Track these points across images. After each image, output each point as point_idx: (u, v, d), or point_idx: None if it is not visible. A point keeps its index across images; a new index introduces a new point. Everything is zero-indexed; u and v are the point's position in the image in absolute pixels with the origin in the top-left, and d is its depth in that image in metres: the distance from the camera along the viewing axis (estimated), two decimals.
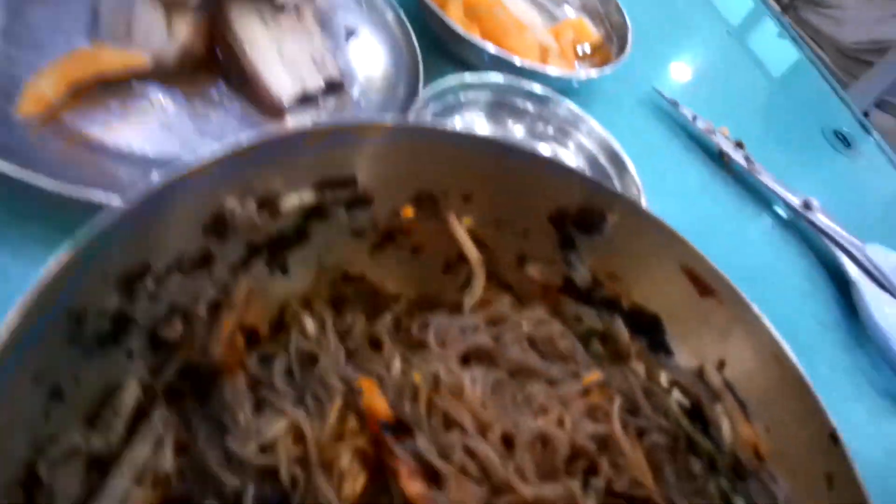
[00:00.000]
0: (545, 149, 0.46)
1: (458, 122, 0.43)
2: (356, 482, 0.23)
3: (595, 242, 0.32)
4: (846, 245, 0.52)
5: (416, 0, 0.47)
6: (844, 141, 0.66)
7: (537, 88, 0.45)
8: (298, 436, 0.25)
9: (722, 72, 0.68)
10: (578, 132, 0.45)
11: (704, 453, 0.30)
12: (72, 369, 0.22)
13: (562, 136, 0.45)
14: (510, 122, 0.45)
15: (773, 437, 0.29)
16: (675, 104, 0.56)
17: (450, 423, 0.25)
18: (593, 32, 0.56)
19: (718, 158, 0.55)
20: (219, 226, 0.26)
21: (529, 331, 0.30)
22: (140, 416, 0.24)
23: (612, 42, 0.56)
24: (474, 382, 0.26)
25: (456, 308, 0.31)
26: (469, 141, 0.30)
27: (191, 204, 0.25)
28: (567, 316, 0.33)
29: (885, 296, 0.50)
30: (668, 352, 0.32)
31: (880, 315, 0.48)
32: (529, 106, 0.45)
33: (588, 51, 0.56)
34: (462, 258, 0.33)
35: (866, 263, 0.51)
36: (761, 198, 0.54)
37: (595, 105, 0.53)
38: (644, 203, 0.42)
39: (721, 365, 0.31)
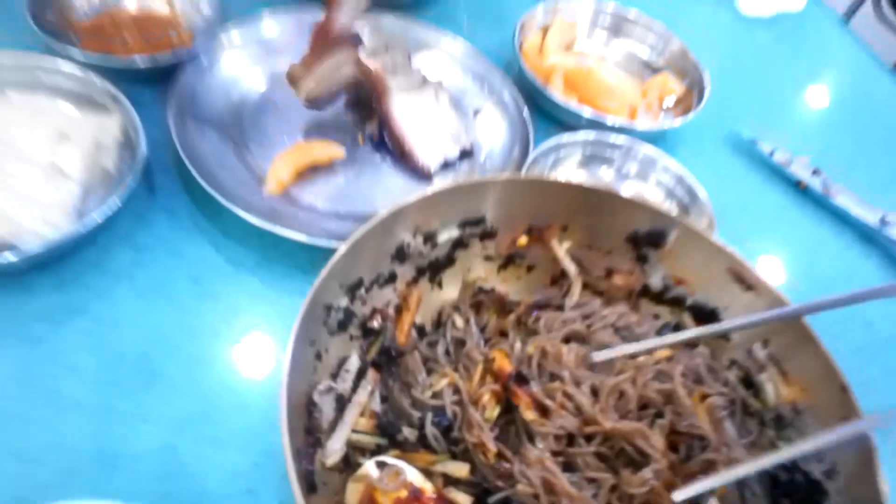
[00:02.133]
0: (629, 186, 0.57)
1: (559, 172, 0.56)
2: (493, 411, 0.36)
3: (661, 255, 0.43)
4: None
5: (526, 78, 0.61)
6: None
7: (621, 139, 0.57)
8: (455, 388, 0.38)
9: (803, 103, 0.75)
10: (657, 170, 0.56)
11: (756, 411, 0.40)
12: (324, 342, 0.37)
13: (643, 174, 0.57)
14: (602, 167, 0.57)
15: (807, 394, 0.38)
16: (753, 142, 0.65)
17: (553, 377, 0.37)
18: (676, 87, 0.67)
19: (796, 186, 0.63)
20: (400, 254, 0.40)
21: (614, 320, 0.42)
22: (360, 375, 0.39)
23: (694, 92, 0.66)
24: (570, 352, 0.38)
25: (560, 308, 0.44)
26: (563, 187, 0.43)
27: (383, 240, 0.39)
28: (646, 313, 0.44)
29: None
30: (726, 338, 0.42)
31: None
32: (616, 153, 0.57)
33: (672, 103, 0.66)
34: (564, 273, 0.45)
35: None
36: (840, 218, 0.62)
37: (682, 147, 0.64)
38: (714, 226, 0.52)
39: (765, 343, 0.40)
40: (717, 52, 0.74)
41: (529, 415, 0.35)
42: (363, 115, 0.55)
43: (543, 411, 0.36)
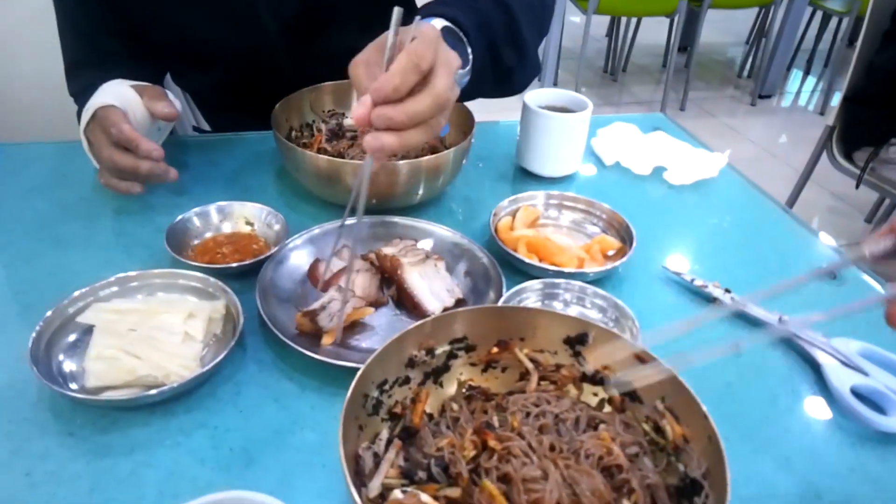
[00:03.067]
0: (573, 310, 0.79)
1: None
2: (470, 452, 0.55)
3: (587, 350, 0.63)
4: (812, 340, 0.77)
5: (498, 247, 0.86)
6: (831, 274, 0.91)
7: (573, 284, 0.79)
8: (451, 444, 0.57)
9: (715, 242, 0.98)
10: (595, 298, 0.78)
11: (663, 446, 0.58)
12: (363, 420, 0.57)
13: (582, 302, 0.79)
14: (554, 303, 0.80)
15: (690, 429, 0.56)
16: (678, 273, 0.87)
17: (513, 431, 0.56)
18: (614, 242, 0.91)
19: (712, 302, 0.84)
20: (410, 363, 0.62)
21: (559, 412, 0.61)
22: (388, 443, 0.58)
23: (628, 244, 0.90)
24: (526, 423, 0.57)
25: (523, 392, 0.63)
26: (520, 311, 0.65)
27: (399, 353, 0.61)
28: (587, 393, 0.64)
29: (847, 371, 0.73)
30: (640, 401, 0.61)
31: (839, 384, 0.72)
32: (567, 293, 0.79)
33: (613, 254, 0.90)
34: (527, 370, 0.65)
35: (830, 349, 0.75)
36: (749, 321, 0.81)
37: (623, 285, 0.86)
38: (636, 328, 0.73)
39: (663, 399, 0.59)
40: (650, 213, 1.00)
41: (494, 443, 0.54)
42: (387, 284, 0.80)
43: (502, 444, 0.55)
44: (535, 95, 1.07)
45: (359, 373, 0.55)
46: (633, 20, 4.38)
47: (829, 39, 4.63)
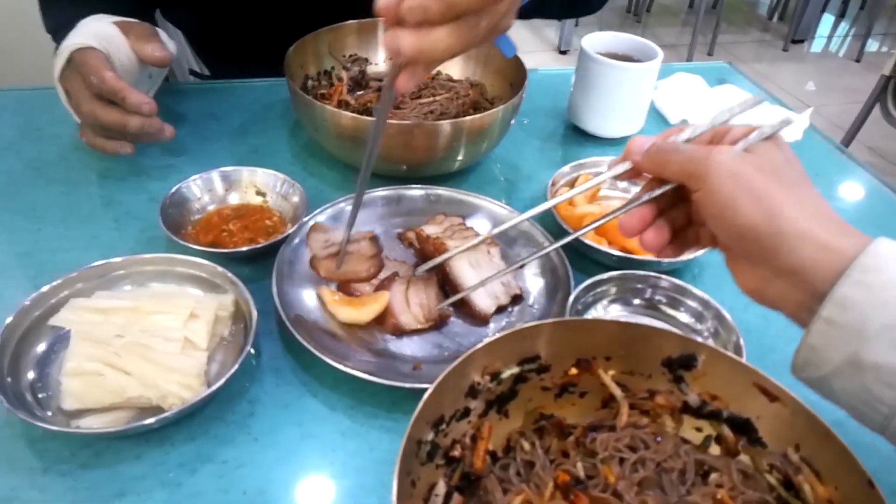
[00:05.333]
0: (660, 314, 0.65)
1: (597, 307, 0.65)
2: None
3: (694, 375, 0.50)
4: None
5: (560, 228, 0.71)
6: None
7: (648, 274, 0.65)
8: (527, 501, 0.44)
9: None
10: (685, 298, 0.64)
11: None
12: (417, 472, 0.44)
13: (673, 303, 0.65)
14: (635, 300, 0.66)
15: (840, 492, 0.43)
16: None
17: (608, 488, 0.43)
18: None
19: None
20: (472, 391, 0.49)
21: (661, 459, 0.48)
22: (447, 498, 0.46)
23: None
24: (622, 474, 0.45)
25: (612, 429, 0.51)
26: (602, 324, 0.52)
27: (458, 381, 0.48)
28: (687, 427, 0.51)
29: None
30: (762, 444, 0.48)
31: None
32: (645, 286, 0.65)
33: None
34: (612, 397, 0.52)
35: None
36: None
37: (703, 274, 0.72)
38: (741, 342, 0.59)
39: (797, 447, 0.46)
40: None
41: None
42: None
43: None
44: (594, 39, 0.90)
45: (413, 416, 0.42)
46: None
47: None
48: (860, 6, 4.55)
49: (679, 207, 0.51)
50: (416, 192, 0.75)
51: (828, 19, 4.54)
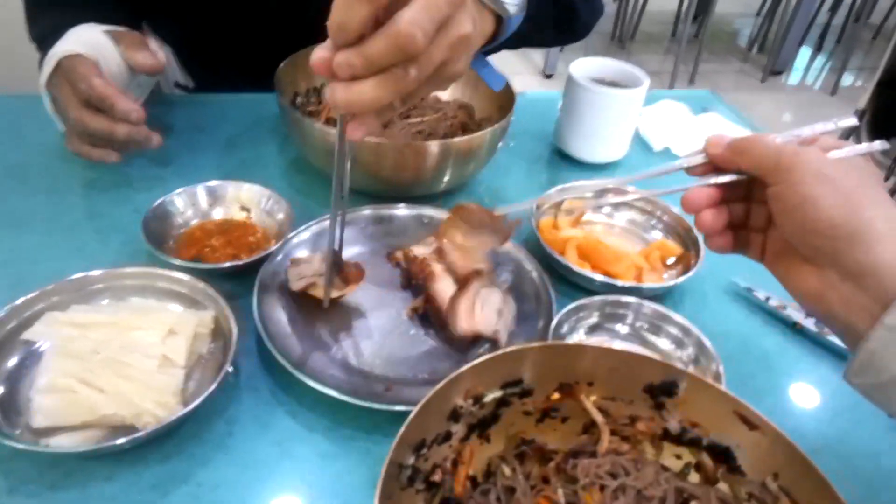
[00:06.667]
0: (642, 340, 0.66)
1: (580, 331, 0.65)
2: None
3: (675, 402, 0.50)
4: None
5: (544, 250, 0.72)
6: None
7: (631, 300, 0.66)
8: None
9: None
10: (666, 324, 0.65)
11: None
12: (396, 497, 0.44)
13: (654, 329, 0.65)
14: (617, 325, 0.66)
15: None
16: (749, 290, 0.74)
17: None
18: (675, 248, 0.77)
19: (793, 327, 0.71)
20: (454, 415, 0.48)
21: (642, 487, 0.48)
22: None
23: (691, 251, 0.76)
24: (605, 502, 0.44)
25: (593, 455, 0.50)
26: (585, 349, 0.52)
27: (440, 404, 0.47)
28: (667, 454, 0.51)
29: None
30: (742, 473, 0.48)
31: None
32: (628, 311, 0.66)
33: (673, 261, 0.76)
34: (593, 423, 0.52)
35: None
36: (837, 354, 0.69)
37: (686, 300, 0.73)
38: (721, 370, 0.60)
39: (776, 476, 0.46)
40: None
41: None
42: (414, 294, 0.66)
43: None
44: (582, 65, 0.91)
45: (396, 439, 0.42)
46: None
47: (842, 14, 4.46)
48: (837, 40, 4.67)
49: (741, 206, 0.52)
50: (404, 211, 0.75)
51: (805, 52, 4.65)
